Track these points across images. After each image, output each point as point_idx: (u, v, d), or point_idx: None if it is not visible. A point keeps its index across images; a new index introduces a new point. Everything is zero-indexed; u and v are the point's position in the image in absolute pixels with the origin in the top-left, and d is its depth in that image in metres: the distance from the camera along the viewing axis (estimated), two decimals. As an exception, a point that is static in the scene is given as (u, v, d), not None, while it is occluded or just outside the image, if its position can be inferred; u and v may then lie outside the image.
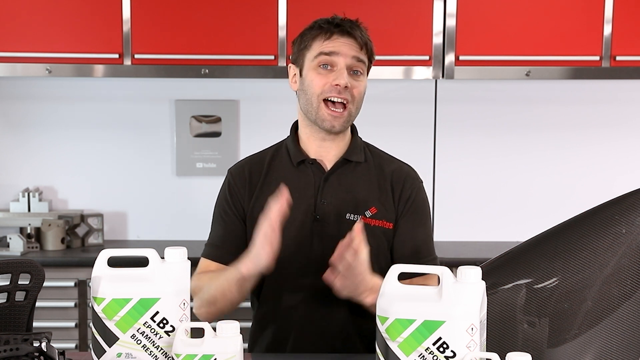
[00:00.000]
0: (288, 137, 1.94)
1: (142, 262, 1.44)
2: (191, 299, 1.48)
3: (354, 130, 1.95)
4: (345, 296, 1.65)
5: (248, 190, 1.89)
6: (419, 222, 1.88)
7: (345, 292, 1.64)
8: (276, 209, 1.62)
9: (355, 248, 1.58)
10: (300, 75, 1.88)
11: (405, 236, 1.87)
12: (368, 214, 1.85)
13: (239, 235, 1.89)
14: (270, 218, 1.62)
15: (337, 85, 1.80)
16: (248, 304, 2.01)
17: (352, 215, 1.85)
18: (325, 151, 1.89)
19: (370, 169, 1.90)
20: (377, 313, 1.36)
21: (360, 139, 1.95)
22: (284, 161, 1.91)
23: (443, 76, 3.19)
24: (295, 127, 1.94)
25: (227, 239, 1.89)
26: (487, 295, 1.38)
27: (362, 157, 1.90)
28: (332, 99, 1.81)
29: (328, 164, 1.89)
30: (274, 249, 1.63)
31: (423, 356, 1.31)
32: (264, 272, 1.69)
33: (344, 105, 1.81)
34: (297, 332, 1.84)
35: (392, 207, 1.87)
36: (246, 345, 1.95)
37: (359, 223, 1.62)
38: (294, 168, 1.89)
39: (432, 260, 1.87)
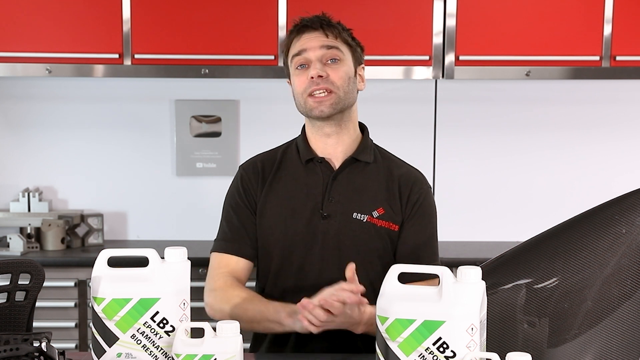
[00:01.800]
0: (299, 135, 1.96)
1: (142, 262, 1.45)
2: (192, 296, 1.48)
3: (364, 130, 1.96)
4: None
5: (260, 183, 1.91)
6: (423, 226, 1.88)
7: (334, 325, 1.64)
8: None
9: (355, 300, 1.59)
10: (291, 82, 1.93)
11: (408, 239, 1.87)
12: (375, 214, 1.86)
13: (253, 227, 1.90)
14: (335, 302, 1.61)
15: (312, 78, 1.82)
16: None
17: (359, 215, 1.85)
18: (331, 149, 1.90)
19: (379, 170, 1.91)
20: (377, 313, 1.36)
21: (371, 140, 1.96)
22: (294, 158, 1.93)
23: (443, 76, 3.19)
24: (304, 127, 1.96)
25: (242, 231, 1.89)
26: (487, 295, 1.38)
27: (371, 158, 1.91)
28: (314, 93, 1.83)
29: (337, 163, 1.90)
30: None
31: (423, 356, 1.31)
32: None
33: (328, 92, 1.83)
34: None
35: (399, 210, 1.87)
36: (248, 344, 1.96)
37: (352, 267, 1.62)
38: (303, 166, 1.91)
39: (433, 264, 1.86)
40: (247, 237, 1.89)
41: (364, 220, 1.85)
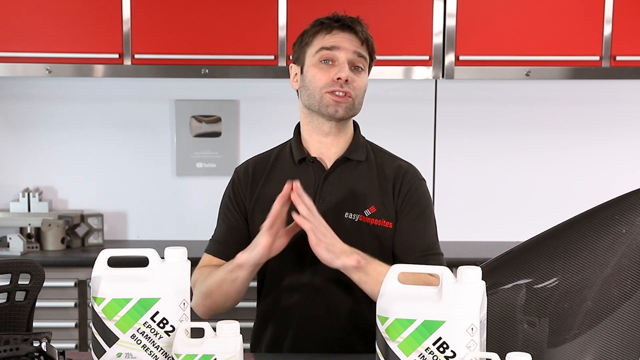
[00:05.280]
0: (292, 137, 1.95)
1: (142, 262, 1.44)
2: (191, 294, 1.48)
3: (356, 128, 1.95)
4: (327, 257, 1.67)
5: (250, 188, 1.91)
6: (419, 218, 1.87)
7: (323, 249, 1.66)
8: (280, 199, 1.67)
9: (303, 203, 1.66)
10: (302, 72, 1.89)
11: (407, 233, 1.85)
12: (367, 212, 1.85)
13: (241, 232, 1.90)
14: (274, 207, 1.67)
15: (338, 78, 1.81)
16: (248, 304, 2.01)
17: (351, 214, 1.85)
18: (326, 148, 1.89)
19: (371, 168, 1.90)
20: (377, 313, 1.36)
21: (363, 137, 1.95)
22: (286, 159, 1.92)
23: (443, 76, 3.19)
24: (298, 128, 1.95)
25: (230, 236, 1.90)
26: (487, 295, 1.38)
27: (363, 156, 1.90)
28: (335, 92, 1.82)
29: (328, 163, 1.89)
30: (272, 239, 1.68)
31: (423, 356, 1.31)
32: (259, 262, 1.71)
33: (348, 96, 1.83)
34: (295, 330, 1.84)
35: (392, 207, 1.86)
36: (248, 344, 1.96)
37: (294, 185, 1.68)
38: (295, 166, 1.90)
39: (435, 255, 1.85)
40: (234, 241, 1.89)
41: (356, 220, 1.84)
